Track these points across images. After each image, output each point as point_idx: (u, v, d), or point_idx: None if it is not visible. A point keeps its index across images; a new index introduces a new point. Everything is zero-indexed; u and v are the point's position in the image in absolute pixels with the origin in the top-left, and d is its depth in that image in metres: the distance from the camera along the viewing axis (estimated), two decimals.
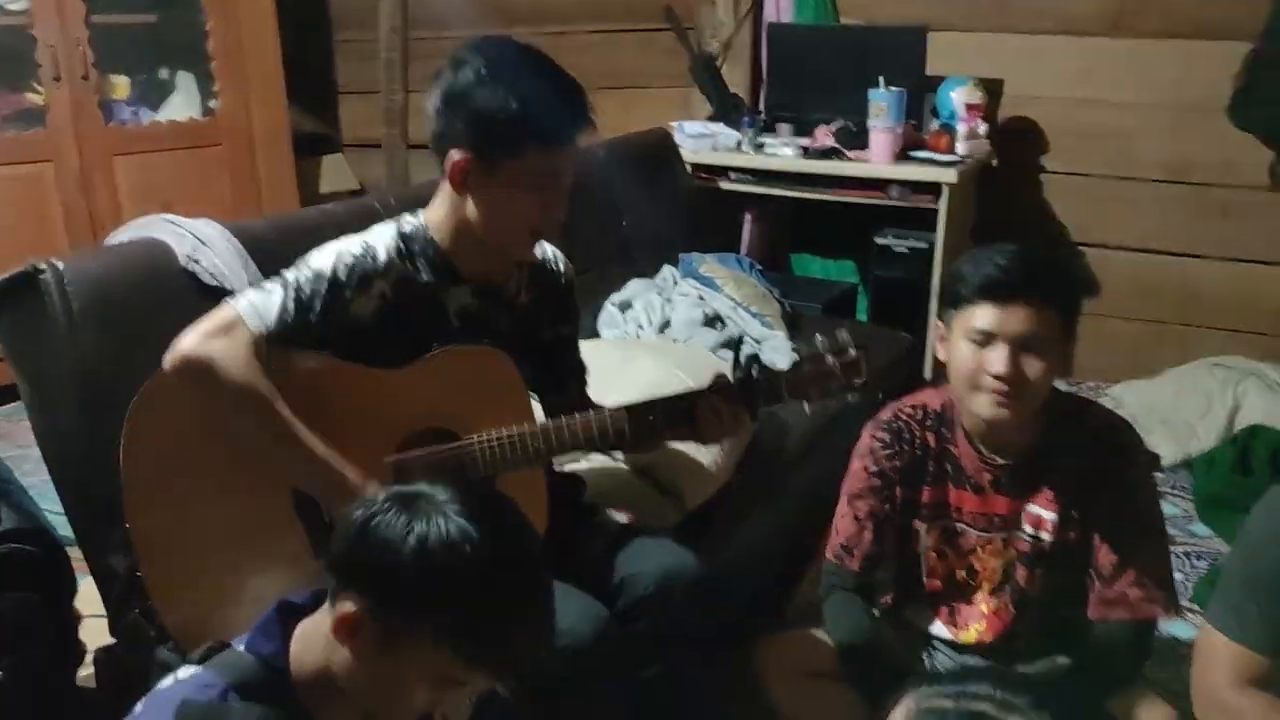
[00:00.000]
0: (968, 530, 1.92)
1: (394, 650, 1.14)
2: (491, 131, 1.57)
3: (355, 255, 1.61)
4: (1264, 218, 3.43)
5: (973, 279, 1.75)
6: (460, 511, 1.15)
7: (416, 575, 1.12)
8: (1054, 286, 1.75)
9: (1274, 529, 1.61)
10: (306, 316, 1.55)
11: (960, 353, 1.78)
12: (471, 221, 1.63)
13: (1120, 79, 3.50)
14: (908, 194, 3.25)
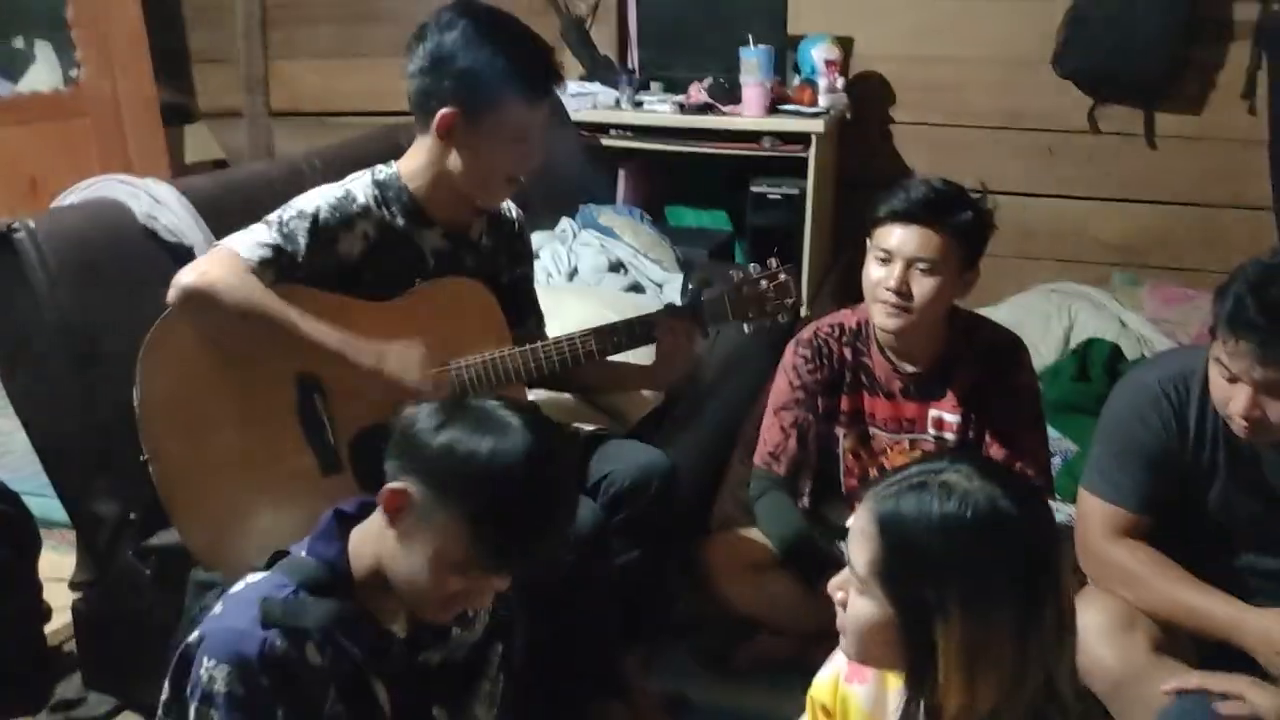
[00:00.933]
0: (880, 433, 2.20)
1: (427, 529, 1.29)
2: (478, 88, 1.73)
3: (337, 198, 1.75)
4: (1085, 159, 3.83)
5: (883, 204, 2.03)
6: (527, 428, 1.30)
7: (447, 470, 1.28)
8: (950, 215, 2.02)
9: (1132, 406, 1.92)
10: (294, 251, 1.68)
11: (868, 268, 2.06)
12: (453, 171, 1.78)
13: (957, 36, 3.82)
14: (779, 145, 3.50)
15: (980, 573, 1.11)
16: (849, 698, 1.37)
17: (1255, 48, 3.54)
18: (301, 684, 1.30)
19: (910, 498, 1.15)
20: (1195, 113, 3.70)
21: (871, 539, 1.17)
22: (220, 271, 1.63)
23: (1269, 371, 1.63)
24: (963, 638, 1.11)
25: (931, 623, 1.12)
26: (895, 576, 1.15)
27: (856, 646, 1.23)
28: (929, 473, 1.17)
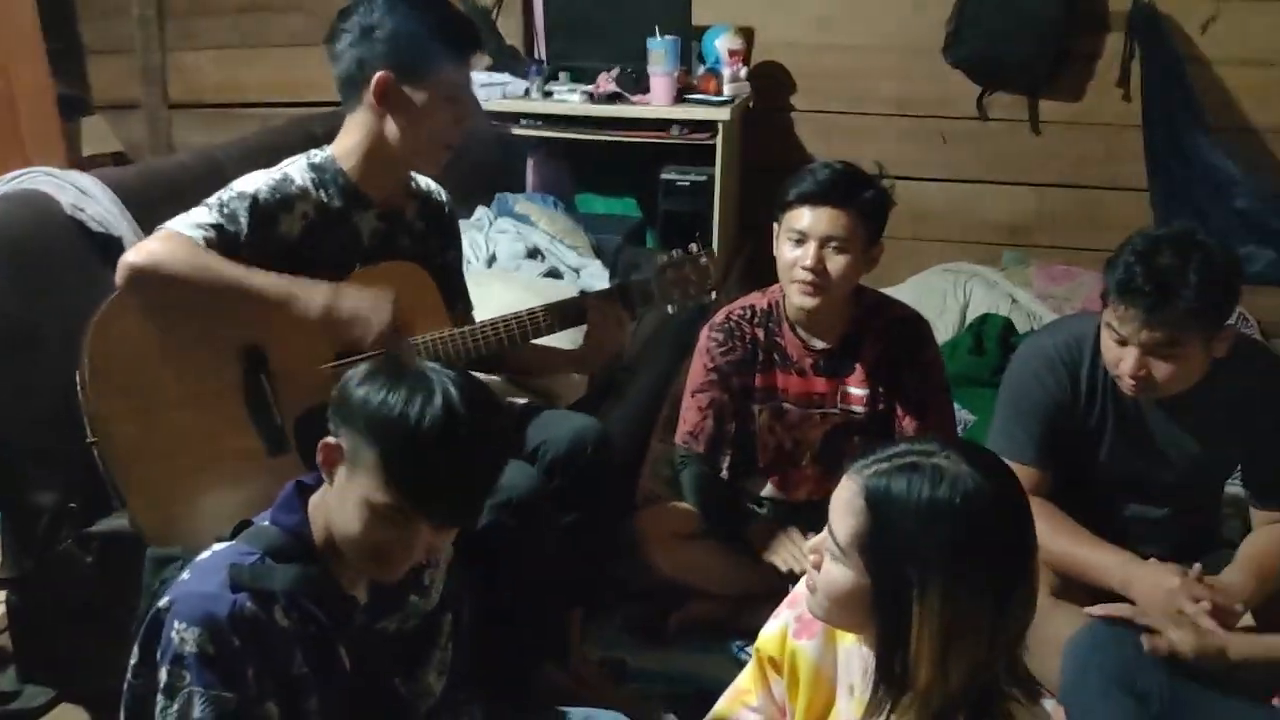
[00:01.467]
0: (792, 408, 2.31)
1: (354, 478, 1.35)
2: (409, 47, 1.79)
3: (275, 179, 1.79)
4: (975, 143, 4.02)
5: (793, 187, 2.14)
6: (450, 384, 1.35)
7: (381, 435, 1.33)
8: (856, 194, 2.14)
9: (1031, 369, 2.08)
10: (236, 231, 1.73)
11: (781, 250, 2.17)
12: (390, 140, 1.84)
13: (853, 26, 3.97)
14: (687, 132, 3.61)
15: (964, 559, 1.17)
16: (798, 652, 1.44)
17: (1128, 38, 3.76)
18: (270, 644, 1.35)
19: (901, 478, 1.19)
20: (1075, 100, 3.91)
21: (858, 513, 1.21)
22: (165, 247, 1.67)
23: (1155, 334, 1.79)
24: (940, 618, 1.16)
25: (908, 600, 1.17)
26: (878, 551, 1.20)
27: (825, 608, 1.29)
28: (920, 455, 1.22)
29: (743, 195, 4.02)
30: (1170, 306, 1.77)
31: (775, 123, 4.11)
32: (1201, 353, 1.83)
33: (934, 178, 4.08)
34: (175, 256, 1.66)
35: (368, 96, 1.82)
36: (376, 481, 1.33)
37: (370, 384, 1.36)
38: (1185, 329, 1.78)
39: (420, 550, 1.41)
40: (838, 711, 1.39)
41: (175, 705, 1.33)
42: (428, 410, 1.32)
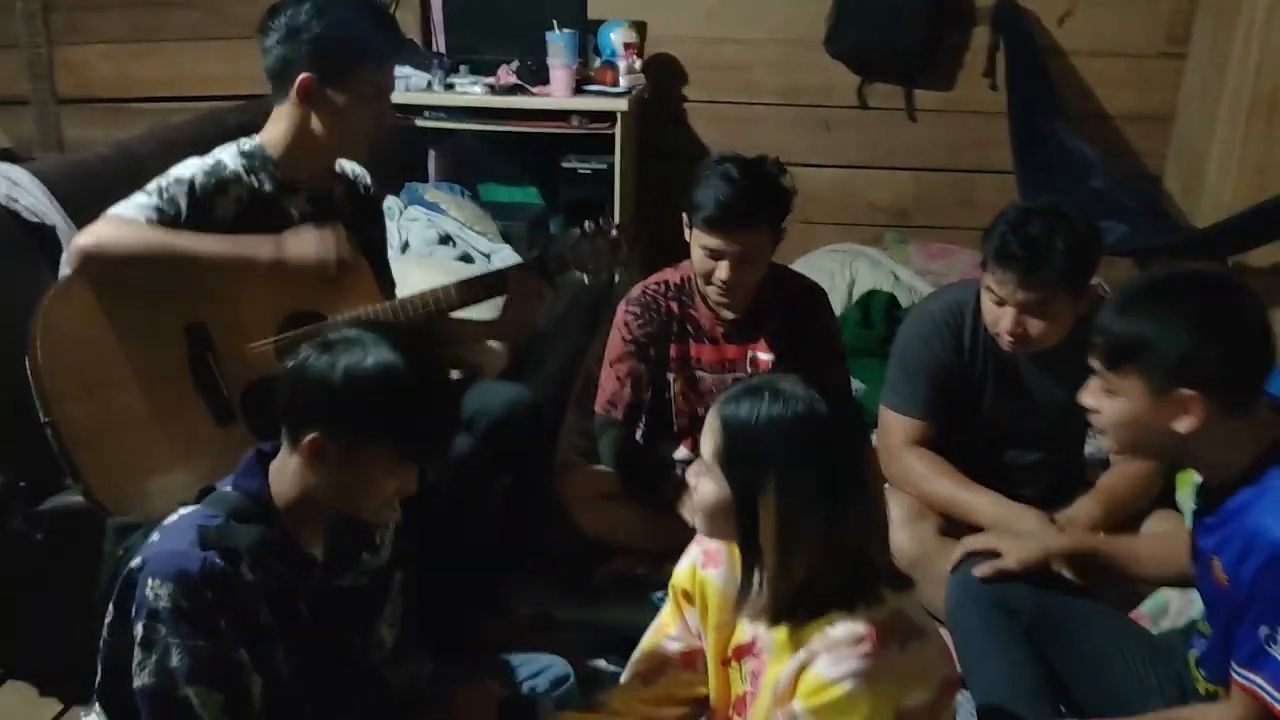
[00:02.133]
0: (705, 376, 2.49)
1: (354, 460, 1.48)
2: (333, 51, 1.90)
3: (209, 165, 1.89)
4: (856, 131, 4.26)
5: (702, 209, 2.25)
6: (376, 342, 1.48)
7: (352, 398, 1.45)
8: (762, 212, 2.29)
9: (919, 333, 2.31)
10: (175, 214, 1.83)
11: (696, 255, 2.31)
12: (314, 133, 1.95)
13: (740, 19, 4.16)
14: (586, 123, 3.76)
15: (794, 461, 1.38)
16: (706, 581, 1.62)
17: (993, 31, 4.05)
18: (238, 597, 1.46)
19: (747, 400, 1.42)
20: (947, 89, 4.18)
21: (716, 432, 1.44)
22: (113, 228, 1.75)
23: (1029, 294, 2.02)
24: (777, 515, 1.38)
25: (756, 501, 1.39)
26: (731, 462, 1.42)
27: (704, 522, 1.50)
28: (766, 381, 1.45)
29: (639, 182, 4.18)
30: (1041, 269, 2.00)
31: (669, 113, 4.29)
32: (1068, 310, 2.07)
33: (819, 164, 4.30)
34: (124, 235, 1.76)
35: (293, 94, 1.92)
36: (386, 451, 1.47)
37: (333, 370, 1.45)
38: (1054, 289, 2.02)
39: (409, 486, 1.54)
40: (743, 628, 1.57)
41: (153, 656, 1.43)
42: (403, 366, 1.46)
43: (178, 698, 1.42)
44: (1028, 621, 1.88)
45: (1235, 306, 1.49)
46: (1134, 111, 4.12)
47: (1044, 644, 1.87)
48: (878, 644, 1.36)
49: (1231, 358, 1.47)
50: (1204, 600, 1.63)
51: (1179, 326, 1.46)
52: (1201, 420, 1.47)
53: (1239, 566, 1.48)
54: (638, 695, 1.68)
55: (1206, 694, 1.63)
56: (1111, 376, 1.53)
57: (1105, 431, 1.59)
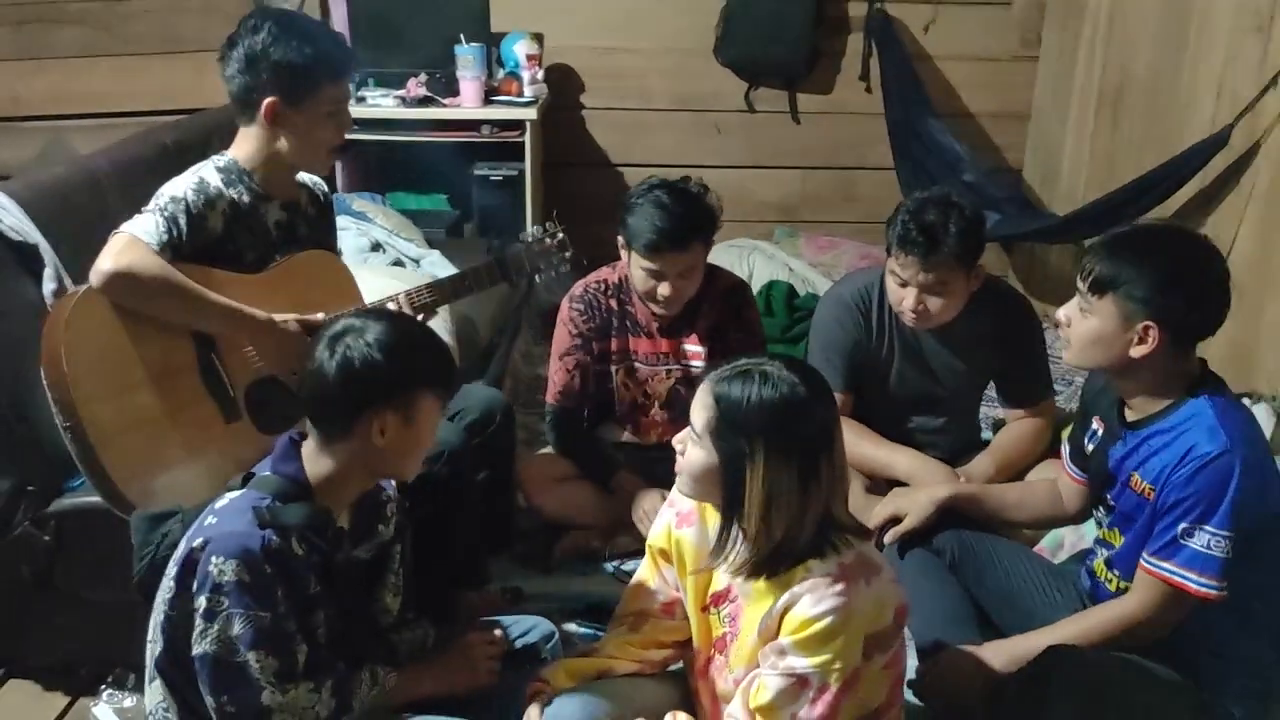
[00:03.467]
0: (642, 367, 2.71)
1: (415, 419, 1.69)
2: (293, 76, 2.06)
3: (196, 183, 2.04)
4: (744, 133, 4.55)
5: (641, 236, 2.45)
6: (372, 319, 1.71)
7: (400, 363, 1.67)
8: (698, 234, 2.50)
9: (831, 315, 2.58)
10: (177, 231, 1.97)
11: (638, 275, 2.52)
12: (282, 151, 2.11)
13: (634, 30, 4.40)
14: (496, 131, 3.94)
15: (779, 435, 1.59)
16: (681, 540, 1.83)
17: (866, 38, 4.39)
18: (292, 570, 1.62)
19: (738, 381, 1.62)
20: (827, 93, 4.51)
21: (708, 407, 1.63)
22: (134, 256, 1.88)
23: (929, 275, 2.31)
24: (763, 480, 1.58)
25: (743, 468, 1.59)
26: (722, 434, 1.61)
27: (690, 484, 1.69)
28: (754, 364, 1.64)
29: (545, 188, 4.38)
30: (938, 252, 2.29)
31: (569, 121, 4.50)
32: (963, 287, 2.37)
33: (711, 165, 4.53)
34: (144, 266, 1.89)
35: (259, 118, 2.08)
36: (437, 407, 1.73)
37: (362, 355, 1.65)
38: (950, 269, 2.31)
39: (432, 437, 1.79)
40: (717, 577, 1.78)
41: (215, 625, 1.58)
42: (420, 332, 1.73)
43: (238, 663, 1.57)
44: (950, 560, 2.17)
45: (1204, 261, 1.80)
46: (994, 110, 4.53)
47: (966, 578, 2.16)
48: (849, 583, 1.60)
49: (1193, 302, 1.77)
50: (1119, 512, 1.93)
51: (1156, 270, 1.76)
52: (1154, 349, 1.77)
53: (1170, 476, 1.78)
54: (628, 640, 1.88)
55: (1117, 590, 1.94)
56: (1091, 299, 1.81)
57: (1071, 344, 1.88)
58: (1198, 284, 1.78)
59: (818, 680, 1.58)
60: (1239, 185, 2.98)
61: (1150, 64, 3.53)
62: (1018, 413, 2.60)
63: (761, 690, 1.61)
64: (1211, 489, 1.73)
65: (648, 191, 2.49)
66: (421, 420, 1.71)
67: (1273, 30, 2.84)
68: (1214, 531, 1.74)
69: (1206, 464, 1.73)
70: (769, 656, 1.62)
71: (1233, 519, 1.73)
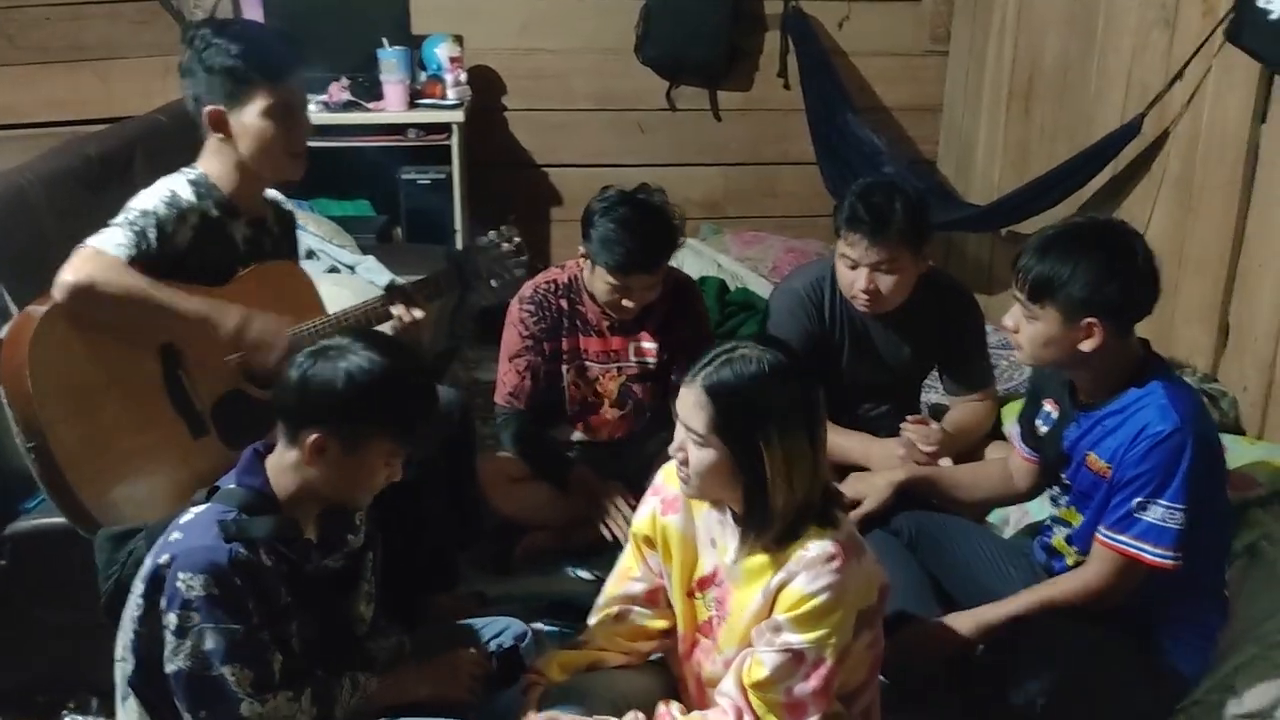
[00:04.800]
0: (593, 366, 2.73)
1: (357, 452, 1.66)
2: (229, 82, 2.02)
3: (167, 196, 1.99)
4: (667, 131, 4.59)
5: (608, 256, 2.47)
6: (364, 347, 1.67)
7: (355, 398, 1.63)
8: (665, 254, 2.55)
9: (785, 308, 2.63)
10: (147, 245, 1.92)
11: (602, 289, 2.54)
12: (245, 160, 2.06)
13: (554, 30, 4.40)
14: (423, 135, 3.92)
15: (782, 404, 1.63)
16: (667, 526, 1.85)
17: (783, 36, 4.47)
18: (262, 581, 1.61)
19: (725, 369, 1.63)
20: (746, 90, 4.58)
21: (704, 406, 1.63)
22: (95, 265, 1.83)
23: (877, 253, 2.38)
24: (782, 452, 1.62)
25: (759, 450, 1.61)
26: (728, 426, 1.63)
27: (698, 485, 1.70)
28: (727, 352, 1.66)
29: (471, 190, 4.36)
30: (886, 229, 2.36)
31: (492, 122, 4.48)
32: (911, 268, 2.44)
33: (635, 163, 4.58)
34: (109, 276, 1.84)
35: (208, 129, 2.04)
36: (386, 442, 1.66)
37: (323, 375, 1.62)
38: (898, 246, 2.39)
39: (397, 472, 1.73)
40: (703, 563, 1.82)
41: (188, 641, 1.56)
42: (396, 364, 1.66)
43: (213, 677, 1.55)
44: (908, 539, 2.24)
45: (1131, 251, 1.86)
46: (907, 104, 4.65)
47: (924, 556, 2.23)
48: (845, 560, 1.64)
49: (1128, 292, 1.84)
50: (1076, 491, 2.02)
51: (1087, 268, 1.82)
52: (1101, 342, 1.85)
53: (1125, 453, 1.86)
54: (614, 631, 1.90)
55: (1075, 565, 2.03)
56: (1032, 306, 1.88)
57: (1022, 348, 1.95)
58: (1130, 273, 1.86)
59: (813, 655, 1.62)
60: (1150, 171, 3.13)
61: (1059, 56, 3.67)
62: (962, 398, 2.69)
63: (756, 667, 1.65)
64: (1165, 464, 1.82)
65: (612, 208, 2.51)
66: (368, 457, 1.68)
67: (1178, 23, 2.98)
68: (1168, 505, 1.83)
69: (1160, 441, 1.82)
70: (764, 634, 1.66)
71: (1186, 492, 1.82)
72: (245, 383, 2.05)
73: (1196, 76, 2.88)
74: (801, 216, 4.73)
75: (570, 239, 4.49)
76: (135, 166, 2.99)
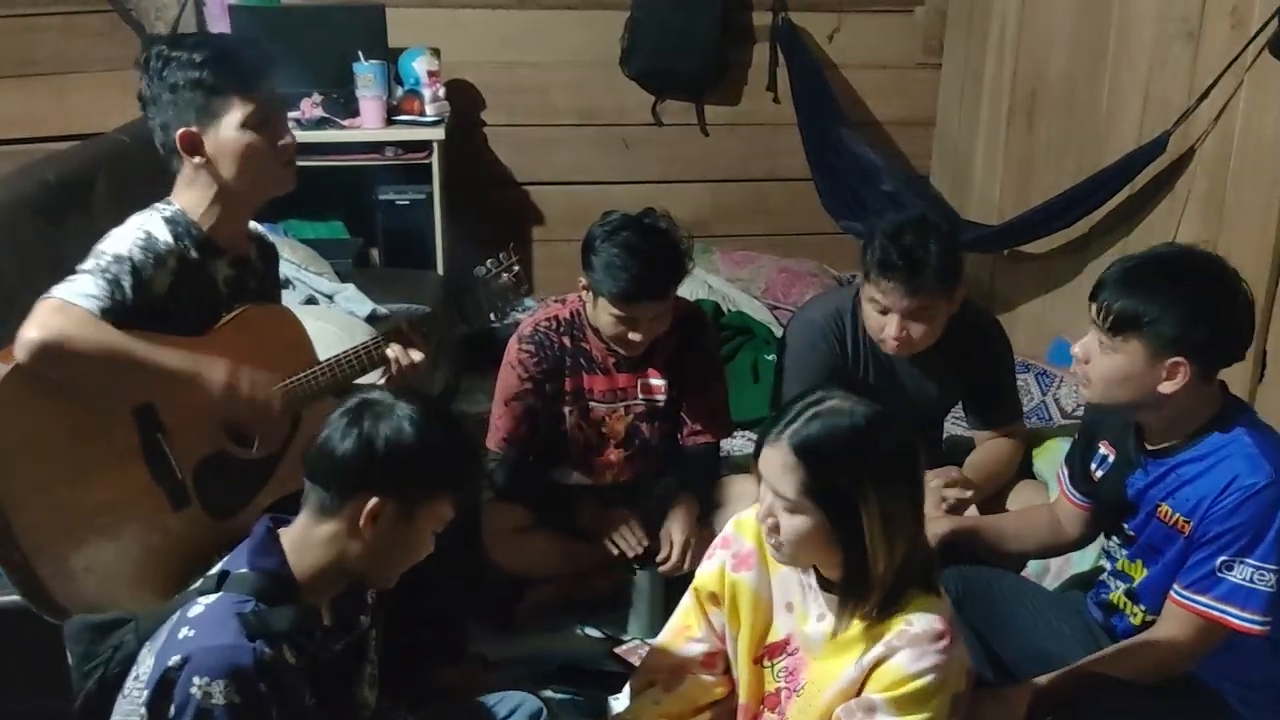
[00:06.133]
0: (598, 406, 2.54)
1: (414, 516, 1.50)
2: (194, 100, 1.80)
3: (142, 239, 1.76)
4: (653, 147, 4.42)
5: (612, 285, 2.28)
6: (407, 401, 1.52)
7: (426, 457, 1.48)
8: (674, 282, 2.37)
9: (804, 341, 2.46)
10: (121, 295, 1.70)
11: (606, 321, 2.35)
12: (229, 184, 1.85)
13: (535, 44, 4.23)
14: (401, 153, 3.72)
15: (879, 461, 1.48)
16: (738, 584, 1.68)
17: (772, 49, 4.32)
18: (286, 683, 1.41)
19: (814, 425, 1.48)
20: (734, 104, 4.43)
21: (794, 469, 1.48)
22: (64, 320, 1.61)
23: (913, 301, 2.20)
24: (880, 513, 1.46)
25: (857, 511, 1.46)
26: (822, 487, 1.47)
27: (792, 553, 1.54)
28: (814, 403, 1.51)
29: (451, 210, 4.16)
30: (920, 276, 2.18)
31: (470, 138, 4.29)
32: (944, 311, 2.27)
33: (619, 181, 4.43)
34: (81, 331, 1.62)
35: (183, 156, 1.83)
36: (444, 506, 1.52)
37: (385, 436, 1.48)
38: (933, 293, 2.21)
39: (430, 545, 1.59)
40: (776, 627, 1.65)
41: None
42: (443, 428, 1.52)
43: None
44: (955, 597, 2.06)
45: (1228, 290, 1.70)
46: (900, 118, 4.52)
47: (972, 616, 2.04)
48: (951, 639, 1.49)
49: (1221, 335, 1.68)
50: (1142, 544, 1.85)
51: (1179, 305, 1.66)
52: (1184, 384, 1.69)
53: (1210, 508, 1.70)
54: (661, 708, 1.72)
55: (1142, 624, 1.87)
56: (1114, 340, 1.71)
57: (1092, 382, 1.78)
58: (1225, 315, 1.70)
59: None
60: (1174, 190, 3.00)
61: (1065, 70, 3.54)
62: (988, 434, 2.53)
63: None
64: (1256, 520, 1.66)
65: (614, 233, 2.32)
66: (422, 524, 1.53)
67: (1203, 36, 2.85)
68: (1258, 565, 1.68)
69: (1251, 495, 1.67)
70: (855, 714, 1.50)
71: (1277, 550, 1.66)
72: (228, 443, 1.83)
73: (1226, 91, 2.75)
74: (791, 234, 4.57)
75: (553, 259, 4.35)
76: (97, 193, 2.77)
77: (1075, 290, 3.49)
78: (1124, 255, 1.88)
